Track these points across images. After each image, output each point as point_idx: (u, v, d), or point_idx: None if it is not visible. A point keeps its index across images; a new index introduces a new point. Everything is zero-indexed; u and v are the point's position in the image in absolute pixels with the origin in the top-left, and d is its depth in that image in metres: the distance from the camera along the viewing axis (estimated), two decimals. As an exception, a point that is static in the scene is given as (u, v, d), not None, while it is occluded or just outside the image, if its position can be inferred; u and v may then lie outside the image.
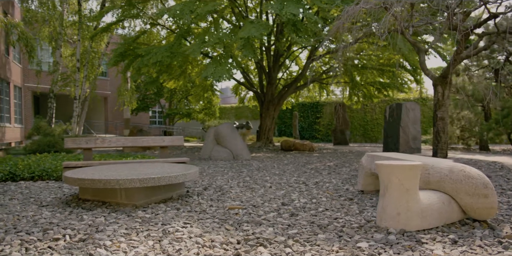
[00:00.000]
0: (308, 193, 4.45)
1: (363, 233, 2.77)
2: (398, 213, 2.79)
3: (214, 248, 2.45)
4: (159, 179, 3.69)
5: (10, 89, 15.28)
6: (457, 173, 2.99)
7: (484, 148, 11.55)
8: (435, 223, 2.88)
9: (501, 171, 6.28)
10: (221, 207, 3.69)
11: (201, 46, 8.67)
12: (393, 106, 9.22)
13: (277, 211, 3.49)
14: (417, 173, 2.79)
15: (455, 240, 2.57)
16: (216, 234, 2.76)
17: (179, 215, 3.36)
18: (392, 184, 2.81)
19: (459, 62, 6.25)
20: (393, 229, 2.78)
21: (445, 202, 2.97)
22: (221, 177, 5.90)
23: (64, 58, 15.15)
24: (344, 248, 2.43)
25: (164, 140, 6.41)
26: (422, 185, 3.22)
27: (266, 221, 3.14)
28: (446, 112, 6.24)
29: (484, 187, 2.90)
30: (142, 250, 2.42)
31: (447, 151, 6.32)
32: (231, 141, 9.28)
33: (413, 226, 2.78)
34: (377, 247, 2.44)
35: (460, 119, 12.58)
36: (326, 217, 3.27)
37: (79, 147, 5.87)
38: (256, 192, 4.52)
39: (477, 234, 2.73)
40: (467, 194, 2.93)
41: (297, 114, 19.46)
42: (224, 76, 8.51)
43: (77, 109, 14.68)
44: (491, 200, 2.90)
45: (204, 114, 21.50)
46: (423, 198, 2.89)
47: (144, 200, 3.80)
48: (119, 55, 11.04)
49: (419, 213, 2.79)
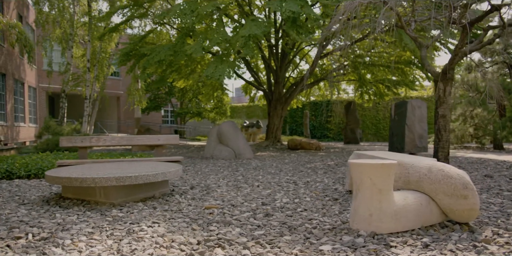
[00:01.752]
0: (294, 192, 4.33)
1: (332, 235, 2.64)
2: (369, 214, 2.65)
3: (170, 249, 2.38)
4: (137, 177, 3.65)
5: (24, 89, 15.68)
6: (435, 173, 2.82)
7: (498, 147, 11.11)
8: (411, 225, 2.72)
9: (507, 171, 5.99)
10: (199, 207, 3.62)
11: (203, 45, 8.63)
12: (399, 103, 8.95)
13: (253, 211, 3.40)
14: (390, 172, 2.64)
15: (427, 244, 2.42)
16: (179, 234, 2.69)
17: (153, 214, 3.31)
18: (363, 184, 2.67)
19: (461, 57, 5.98)
20: (364, 231, 2.64)
21: (423, 203, 2.81)
22: (214, 176, 5.84)
23: (75, 58, 15.44)
24: (305, 251, 2.32)
25: (159, 139, 6.40)
26: (402, 185, 3.06)
27: (237, 221, 3.05)
28: (448, 109, 5.98)
29: (464, 187, 2.72)
30: (97, 250, 2.37)
31: (448, 149, 6.06)
32: (233, 140, 9.21)
33: (386, 228, 2.63)
34: (340, 251, 2.32)
35: (473, 117, 12.14)
36: (301, 218, 3.15)
37: (74, 146, 5.92)
38: (242, 192, 4.43)
39: (453, 237, 2.57)
40: (445, 195, 2.76)
41: (308, 113, 19.25)
42: (224, 75, 8.44)
43: (88, 109, 14.93)
44: (471, 201, 2.72)
45: (215, 113, 21.54)
46: (399, 199, 2.74)
47: (122, 198, 3.77)
48: (125, 55, 11.14)
49: (392, 214, 2.64)
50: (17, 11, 14.98)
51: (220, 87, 17.96)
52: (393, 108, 9.08)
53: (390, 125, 9.20)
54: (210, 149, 9.39)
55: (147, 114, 20.57)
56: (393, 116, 9.07)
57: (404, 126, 8.50)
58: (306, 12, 7.90)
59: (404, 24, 6.20)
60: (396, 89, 13.66)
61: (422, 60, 6.17)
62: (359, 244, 2.42)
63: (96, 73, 14.94)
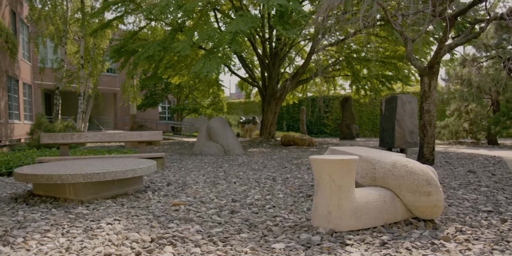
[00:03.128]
0: (269, 189, 4.27)
1: (290, 233, 2.58)
2: (328, 212, 2.58)
3: (120, 246, 2.33)
4: (104, 174, 3.59)
5: (19, 86, 15.65)
6: (399, 169, 2.75)
7: (492, 142, 10.99)
8: (373, 223, 2.66)
9: (493, 166, 5.91)
10: (168, 203, 3.57)
11: (191, 42, 8.54)
12: (389, 99, 8.85)
13: (220, 208, 3.34)
14: (350, 168, 2.57)
15: (385, 242, 2.36)
16: (135, 232, 2.64)
17: (118, 211, 3.26)
18: (323, 180, 2.61)
19: (447, 51, 5.87)
20: (323, 229, 2.58)
21: (387, 200, 2.74)
22: (196, 172, 5.79)
23: (69, 55, 15.38)
24: (256, 249, 2.26)
25: (142, 135, 6.35)
26: (369, 181, 2.99)
27: (199, 218, 2.99)
28: (433, 104, 5.88)
29: (427, 184, 2.65)
30: (46, 248, 2.32)
31: (434, 145, 5.97)
32: (222, 136, 9.15)
33: (345, 226, 2.57)
34: (292, 249, 2.26)
35: (468, 112, 12.02)
36: (266, 215, 3.09)
37: (55, 143, 5.88)
38: (217, 188, 4.38)
39: (414, 235, 2.50)
40: (408, 191, 2.69)
41: (304, 109, 19.13)
42: (213, 71, 8.36)
43: (82, 106, 14.89)
44: (435, 198, 2.65)
45: (212, 109, 21.47)
46: (361, 195, 2.67)
47: (92, 195, 3.72)
48: (115, 51, 11.06)
49: (352, 212, 2.58)
50: (10, 8, 14.91)
51: (216, 83, 17.88)
52: (383, 103, 8.98)
53: (380, 121, 9.11)
54: (200, 145, 9.34)
55: (144, 111, 20.54)
56: (383, 111, 8.97)
57: (394, 121, 8.41)
58: (293, 7, 7.79)
59: (389, 18, 6.09)
60: (391, 85, 13.53)
61: (408, 54, 6.07)
62: (315, 242, 2.36)
63: (90, 70, 14.88)
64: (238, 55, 14.62)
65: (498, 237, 2.44)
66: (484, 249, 2.24)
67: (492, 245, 2.31)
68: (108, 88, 21.76)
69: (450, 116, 12.57)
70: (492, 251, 2.21)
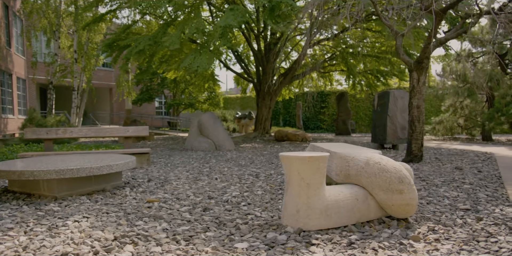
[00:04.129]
0: (249, 185, 4.21)
1: (258, 232, 2.52)
2: (297, 210, 2.52)
3: (80, 245, 2.27)
4: (78, 170, 3.53)
5: (12, 81, 15.55)
6: (372, 166, 2.68)
7: (487, 138, 10.92)
8: (344, 222, 2.59)
9: (482, 163, 5.84)
10: (144, 200, 3.51)
11: (180, 36, 8.42)
12: (381, 94, 8.76)
13: (194, 205, 3.28)
14: (320, 166, 2.50)
15: (352, 242, 2.29)
16: (100, 230, 2.58)
17: (90, 208, 3.20)
18: (292, 178, 2.54)
19: (436, 46, 5.77)
20: (291, 228, 2.52)
21: (360, 198, 2.67)
22: (181, 168, 5.73)
23: (63, 49, 15.25)
24: (218, 249, 2.20)
25: (128, 131, 6.28)
26: (343, 179, 2.92)
27: (170, 216, 2.93)
28: (422, 99, 5.79)
29: (400, 181, 2.58)
30: (3, 247, 2.26)
31: (422, 141, 5.90)
32: (213, 131, 9.08)
33: (314, 225, 2.50)
34: (255, 249, 2.20)
35: (463, 108, 11.93)
36: (239, 212, 3.03)
37: (39, 138, 5.81)
38: (197, 184, 4.32)
39: (384, 234, 2.44)
40: (381, 189, 2.63)
41: (300, 104, 19.03)
42: (203, 66, 8.26)
43: (76, 100, 14.81)
44: (407, 196, 2.58)
45: (208, 104, 21.37)
46: (332, 193, 2.60)
47: (67, 192, 3.66)
48: (107, 46, 10.94)
49: (322, 210, 2.51)
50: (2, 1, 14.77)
51: (212, 78, 17.76)
52: (375, 99, 8.89)
53: (373, 116, 9.03)
54: (191, 140, 9.27)
55: (140, 106, 20.44)
56: (376, 107, 8.89)
57: (386, 117, 8.33)
58: (284, 1, 7.67)
59: (379, 11, 5.98)
60: (386, 80, 13.42)
61: (397, 49, 5.97)
62: (280, 241, 2.30)
63: (84, 64, 14.77)
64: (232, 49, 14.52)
65: (469, 237, 2.38)
66: (452, 249, 2.17)
67: (461, 245, 2.24)
68: (104, 82, 21.64)
69: (445, 112, 12.48)
70: (460, 251, 2.15)
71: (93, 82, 20.48)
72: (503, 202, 3.26)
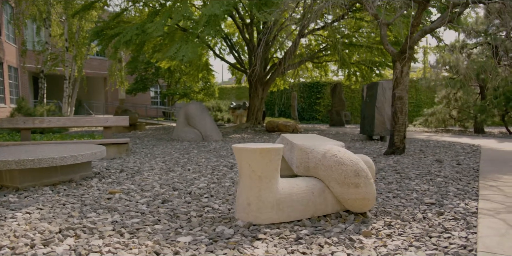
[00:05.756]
0: (220, 177, 4.14)
1: (208, 225, 2.46)
2: (248, 203, 2.44)
3: (20, 238, 2.21)
4: (40, 161, 3.46)
5: (3, 69, 15.41)
6: (328, 159, 2.60)
7: (479, 130, 10.82)
8: (298, 216, 2.52)
9: (465, 155, 5.77)
10: (107, 191, 3.45)
11: (163, 24, 8.26)
12: (370, 85, 8.64)
13: (155, 197, 3.21)
14: (272, 158, 2.42)
15: (300, 237, 2.23)
16: (48, 222, 2.51)
17: (48, 199, 3.13)
18: (243, 170, 2.46)
19: (422, 36, 5.63)
20: (241, 221, 2.45)
21: (316, 191, 2.60)
22: (160, 159, 5.66)
23: (54, 37, 15.07)
24: (159, 243, 2.13)
25: (108, 120, 6.19)
26: (303, 171, 2.85)
27: (125, 207, 2.87)
28: (405, 90, 5.68)
29: (355, 175, 2.50)
30: None
31: (405, 133, 5.81)
32: (200, 121, 9.00)
33: (265, 219, 2.43)
34: (197, 243, 2.13)
35: (457, 100, 11.80)
36: (197, 205, 2.97)
37: (16, 127, 5.73)
38: (168, 175, 4.25)
39: (336, 229, 2.37)
40: (337, 183, 2.55)
41: (295, 95, 18.90)
42: (189, 55, 8.12)
43: (67, 90, 14.69)
44: (363, 190, 2.50)
45: (203, 94, 21.22)
46: (286, 187, 2.53)
47: (30, 182, 3.60)
48: (95, 34, 10.78)
49: (274, 204, 2.44)
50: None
51: (206, 68, 17.59)
52: (364, 90, 8.77)
53: (362, 108, 8.92)
54: (177, 131, 9.20)
55: (134, 95, 20.31)
56: (365, 98, 8.78)
57: (374, 108, 8.23)
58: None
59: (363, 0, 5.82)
60: (379, 71, 13.26)
61: (382, 38, 5.83)
62: (226, 236, 2.24)
63: (75, 53, 14.61)
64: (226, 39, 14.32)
65: (423, 232, 2.31)
66: (400, 245, 2.11)
67: (412, 241, 2.18)
68: (98, 72, 21.47)
69: (438, 104, 12.36)
70: (408, 247, 2.08)
71: (87, 71, 20.33)
72: (470, 196, 3.19)
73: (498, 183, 3.68)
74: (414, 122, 14.75)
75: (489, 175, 4.08)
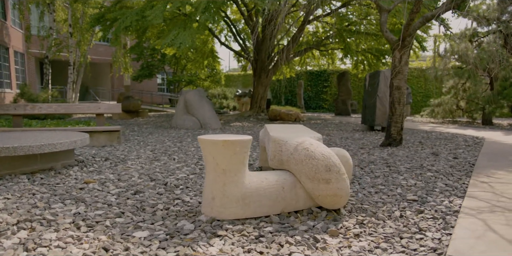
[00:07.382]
0: (203, 167, 4.04)
1: (172, 219, 2.36)
2: (212, 198, 2.34)
3: (-26, 230, 2.15)
4: (15, 149, 3.40)
5: (9, 54, 15.46)
6: (299, 152, 2.46)
7: (487, 122, 10.48)
8: (265, 211, 2.41)
9: (465, 148, 5.55)
10: (83, 181, 3.38)
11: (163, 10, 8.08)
12: (372, 74, 8.37)
13: (128, 188, 3.13)
14: (237, 150, 2.29)
15: (261, 235, 2.12)
16: (9, 212, 2.45)
17: (21, 188, 3.08)
18: (207, 163, 2.34)
19: (423, 23, 5.36)
20: (205, 216, 2.35)
21: (287, 186, 2.47)
22: (151, 147, 5.60)
23: (58, 22, 14.99)
24: (113, 238, 2.05)
25: (100, 108, 6.13)
26: (277, 164, 2.72)
27: (93, 199, 2.79)
28: (404, 80, 5.45)
29: (326, 170, 2.37)
30: None
31: (402, 124, 5.60)
32: (199, 109, 8.89)
33: (230, 214, 2.33)
34: (152, 239, 2.04)
35: (466, 90, 11.43)
36: (168, 197, 2.87)
37: (7, 113, 5.71)
38: (151, 165, 4.17)
39: (304, 227, 2.25)
40: (307, 178, 2.42)
41: (302, 83, 18.61)
42: (186, 43, 7.95)
43: (72, 76, 14.70)
44: (334, 186, 2.37)
45: (210, 81, 21.06)
46: (254, 181, 2.41)
47: (8, 170, 3.55)
48: (95, 20, 10.66)
49: (239, 199, 2.33)
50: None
51: (211, 55, 17.38)
52: (367, 79, 8.52)
53: (364, 97, 8.69)
54: (176, 118, 9.12)
55: (140, 82, 20.24)
56: (367, 87, 8.53)
57: (376, 97, 7.99)
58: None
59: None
60: (385, 59, 12.89)
61: (381, 25, 5.58)
62: (184, 231, 2.14)
63: (79, 39, 14.54)
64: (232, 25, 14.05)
65: (395, 232, 2.18)
66: (366, 247, 1.98)
67: (380, 242, 2.05)
68: (104, 58, 21.43)
69: (446, 94, 12.00)
70: (373, 249, 1.95)
71: (93, 57, 20.30)
72: (457, 193, 3.03)
73: (491, 179, 3.51)
74: (422, 112, 14.41)
75: (484, 170, 3.90)
